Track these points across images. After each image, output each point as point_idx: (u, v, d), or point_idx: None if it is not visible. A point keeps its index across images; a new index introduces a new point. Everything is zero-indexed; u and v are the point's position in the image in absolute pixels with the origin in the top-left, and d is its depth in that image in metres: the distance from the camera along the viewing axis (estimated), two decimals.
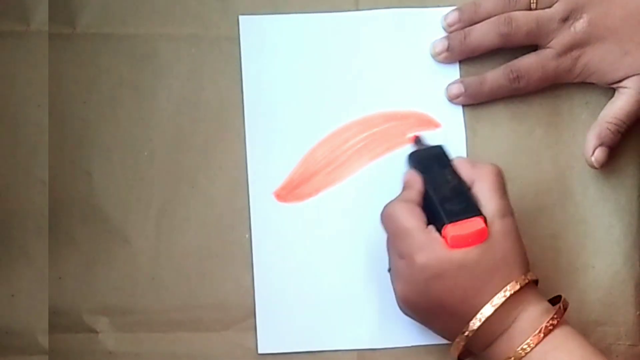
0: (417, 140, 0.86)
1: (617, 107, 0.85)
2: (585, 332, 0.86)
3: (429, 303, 0.78)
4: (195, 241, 0.85)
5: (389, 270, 0.81)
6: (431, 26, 0.88)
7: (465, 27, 0.87)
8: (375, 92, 0.88)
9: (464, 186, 0.80)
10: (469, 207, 0.78)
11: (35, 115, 0.86)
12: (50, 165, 0.86)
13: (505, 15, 0.86)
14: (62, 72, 0.86)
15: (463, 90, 0.87)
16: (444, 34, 0.88)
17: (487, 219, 0.78)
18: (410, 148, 0.86)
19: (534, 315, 0.77)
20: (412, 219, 0.79)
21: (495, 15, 0.86)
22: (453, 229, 0.77)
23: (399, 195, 0.81)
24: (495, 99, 0.87)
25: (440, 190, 0.80)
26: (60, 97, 0.86)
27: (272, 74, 0.87)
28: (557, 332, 0.77)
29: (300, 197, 0.86)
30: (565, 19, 0.85)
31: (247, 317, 0.85)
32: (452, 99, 0.87)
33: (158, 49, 0.87)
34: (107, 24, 0.87)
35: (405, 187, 0.82)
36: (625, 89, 0.85)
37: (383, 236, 0.82)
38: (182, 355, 0.85)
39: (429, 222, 0.79)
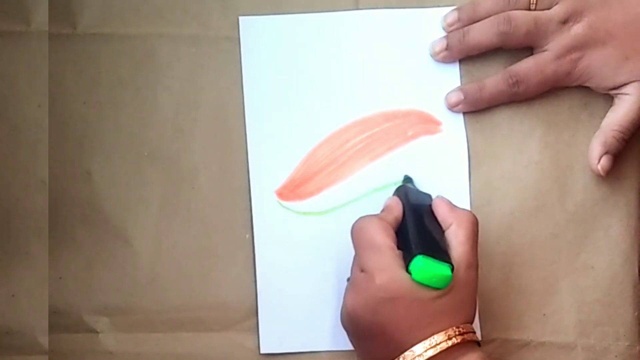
0: (408, 178, 0.86)
1: (620, 115, 0.85)
2: (584, 332, 0.86)
3: (373, 323, 0.77)
4: (196, 241, 0.86)
5: (348, 279, 0.81)
6: (431, 26, 0.88)
7: (465, 26, 0.87)
8: (376, 92, 0.88)
9: (440, 228, 0.80)
10: (441, 249, 0.78)
11: (35, 115, 0.86)
12: (50, 165, 0.86)
13: (505, 14, 0.86)
14: (62, 72, 0.86)
15: (462, 97, 0.87)
16: (443, 33, 0.88)
17: (454, 265, 0.77)
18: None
19: None
20: (385, 237, 0.78)
21: (494, 15, 0.86)
22: (422, 261, 0.76)
23: (376, 214, 0.81)
24: (495, 105, 0.87)
25: (419, 222, 0.80)
26: (60, 97, 0.86)
27: (272, 74, 0.87)
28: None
29: (301, 197, 0.86)
30: (565, 21, 0.85)
31: (248, 317, 0.85)
32: (452, 107, 0.87)
33: (158, 49, 0.87)
34: (107, 24, 0.87)
35: (385, 210, 0.82)
36: (627, 96, 0.85)
37: None
38: (182, 356, 0.85)
39: (399, 248, 0.79)
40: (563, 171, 0.87)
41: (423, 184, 0.87)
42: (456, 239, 0.79)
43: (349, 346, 0.83)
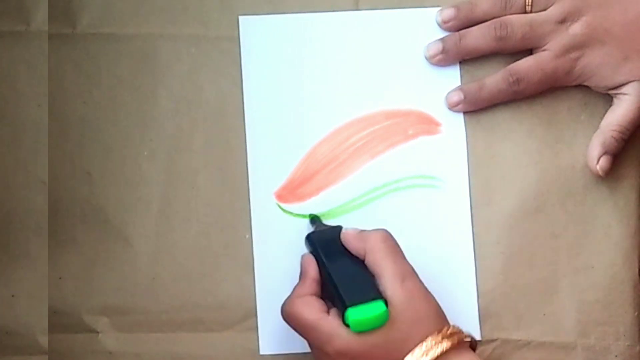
0: (314, 220, 0.85)
1: (619, 115, 0.85)
2: (585, 332, 0.86)
3: None
4: (195, 241, 0.86)
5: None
6: (431, 26, 0.88)
7: (461, 25, 0.87)
8: (375, 92, 0.88)
9: (359, 264, 0.79)
10: (367, 288, 0.77)
11: (35, 115, 0.86)
12: (50, 165, 0.86)
13: (500, 19, 0.86)
14: (62, 72, 0.86)
15: (462, 97, 0.87)
16: (444, 34, 0.88)
17: (388, 287, 0.76)
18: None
19: None
20: (311, 312, 0.77)
21: (490, 17, 0.86)
22: (354, 313, 0.75)
23: (294, 288, 0.81)
24: (495, 104, 0.87)
25: (338, 272, 0.79)
26: (60, 97, 0.86)
27: (272, 73, 0.87)
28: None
29: (301, 198, 0.86)
30: (562, 21, 0.85)
31: (247, 317, 0.85)
32: (452, 107, 0.87)
33: (158, 49, 0.87)
34: (107, 24, 0.87)
35: (301, 276, 0.81)
36: (626, 96, 0.85)
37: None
38: (182, 356, 0.85)
39: (333, 304, 0.78)
40: (563, 171, 0.87)
41: (423, 184, 0.87)
42: (376, 264, 0.78)
43: None
